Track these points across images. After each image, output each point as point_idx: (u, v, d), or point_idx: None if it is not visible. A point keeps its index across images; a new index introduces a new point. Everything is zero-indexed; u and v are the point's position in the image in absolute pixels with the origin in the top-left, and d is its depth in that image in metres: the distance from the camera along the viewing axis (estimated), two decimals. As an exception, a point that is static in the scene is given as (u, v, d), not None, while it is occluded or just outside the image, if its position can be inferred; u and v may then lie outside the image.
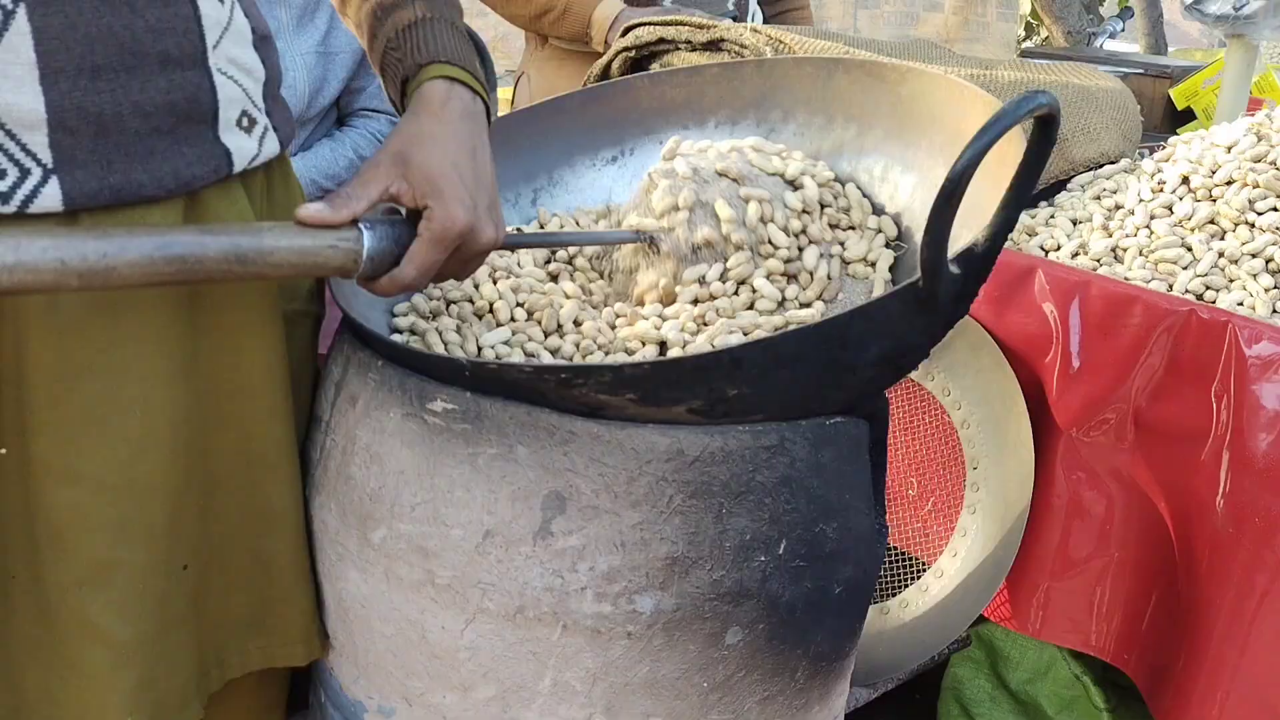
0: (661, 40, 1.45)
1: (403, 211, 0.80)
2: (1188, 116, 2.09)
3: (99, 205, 0.73)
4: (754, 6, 2.18)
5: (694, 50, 1.42)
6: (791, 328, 0.74)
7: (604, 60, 1.49)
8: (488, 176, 0.81)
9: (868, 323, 0.75)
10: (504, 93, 3.16)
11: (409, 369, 0.81)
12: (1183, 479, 1.09)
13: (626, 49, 1.48)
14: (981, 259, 0.77)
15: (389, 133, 2.06)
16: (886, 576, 1.28)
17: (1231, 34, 1.72)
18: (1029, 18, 5.09)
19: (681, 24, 1.44)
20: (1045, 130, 0.71)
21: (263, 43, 0.85)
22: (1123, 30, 3.55)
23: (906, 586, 1.25)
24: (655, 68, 1.49)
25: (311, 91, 1.88)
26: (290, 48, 1.85)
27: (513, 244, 0.92)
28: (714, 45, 1.40)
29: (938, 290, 0.74)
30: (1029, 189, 0.75)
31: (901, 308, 0.75)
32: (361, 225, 0.76)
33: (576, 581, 0.77)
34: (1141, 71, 2.06)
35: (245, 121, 0.82)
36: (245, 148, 0.82)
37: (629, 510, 0.76)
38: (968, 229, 0.80)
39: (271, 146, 0.86)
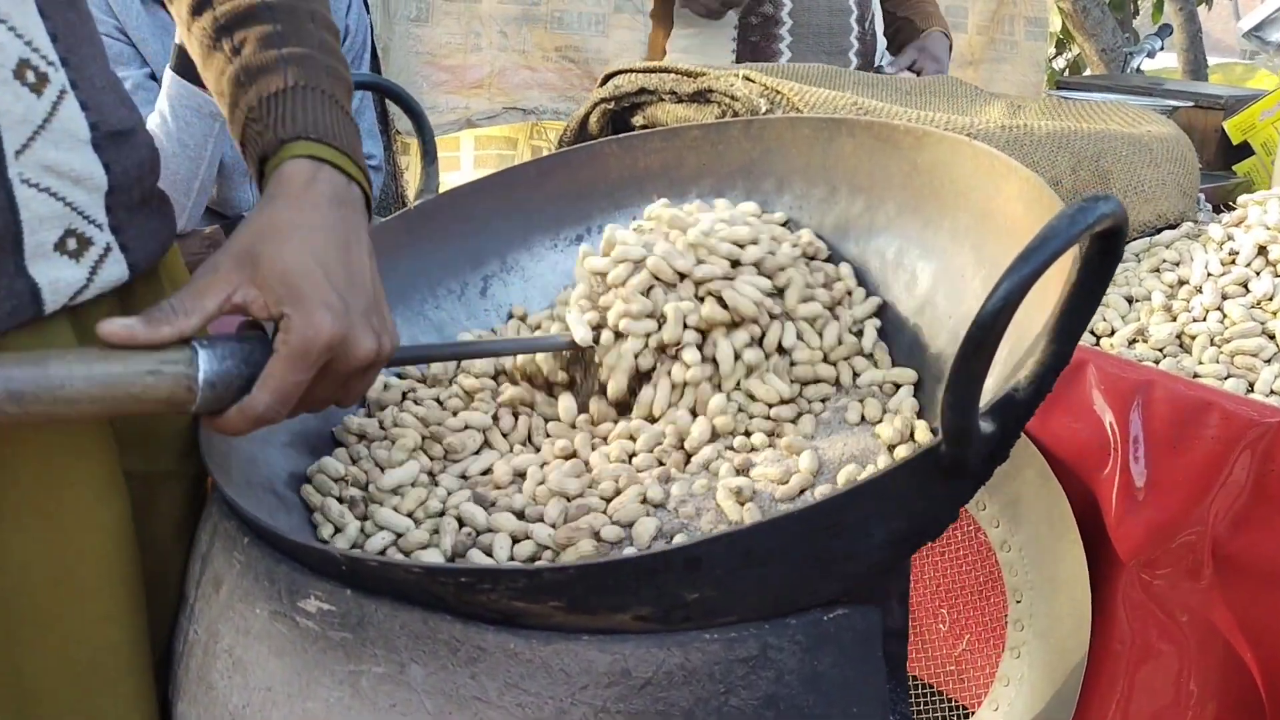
0: (643, 90, 1.26)
1: (266, 329, 0.64)
2: (1244, 151, 1.88)
3: None
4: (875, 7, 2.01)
5: (680, 102, 1.24)
6: (764, 519, 0.55)
7: (579, 114, 1.32)
8: (365, 275, 0.65)
9: (871, 503, 0.56)
10: (506, 131, 3.00)
11: (280, 552, 0.63)
12: (1273, 624, 0.89)
13: (605, 100, 1.30)
14: (1024, 407, 0.58)
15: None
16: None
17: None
18: (1059, 35, 4.88)
19: (666, 71, 1.26)
20: (1108, 245, 0.52)
21: (114, 140, 0.67)
22: (1161, 48, 3.33)
23: (939, 735, 1.05)
24: (638, 121, 1.31)
25: None
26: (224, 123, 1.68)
27: (408, 358, 0.75)
28: (702, 96, 1.21)
29: (965, 456, 0.55)
30: (1086, 318, 0.56)
31: (916, 480, 0.56)
32: (196, 345, 0.60)
33: None
34: (1191, 104, 1.86)
35: (73, 243, 0.64)
36: (66, 279, 0.64)
37: (560, 752, 0.57)
38: (1002, 363, 0.61)
39: (114, 272, 0.67)
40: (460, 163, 2.87)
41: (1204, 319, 1.00)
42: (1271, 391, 0.93)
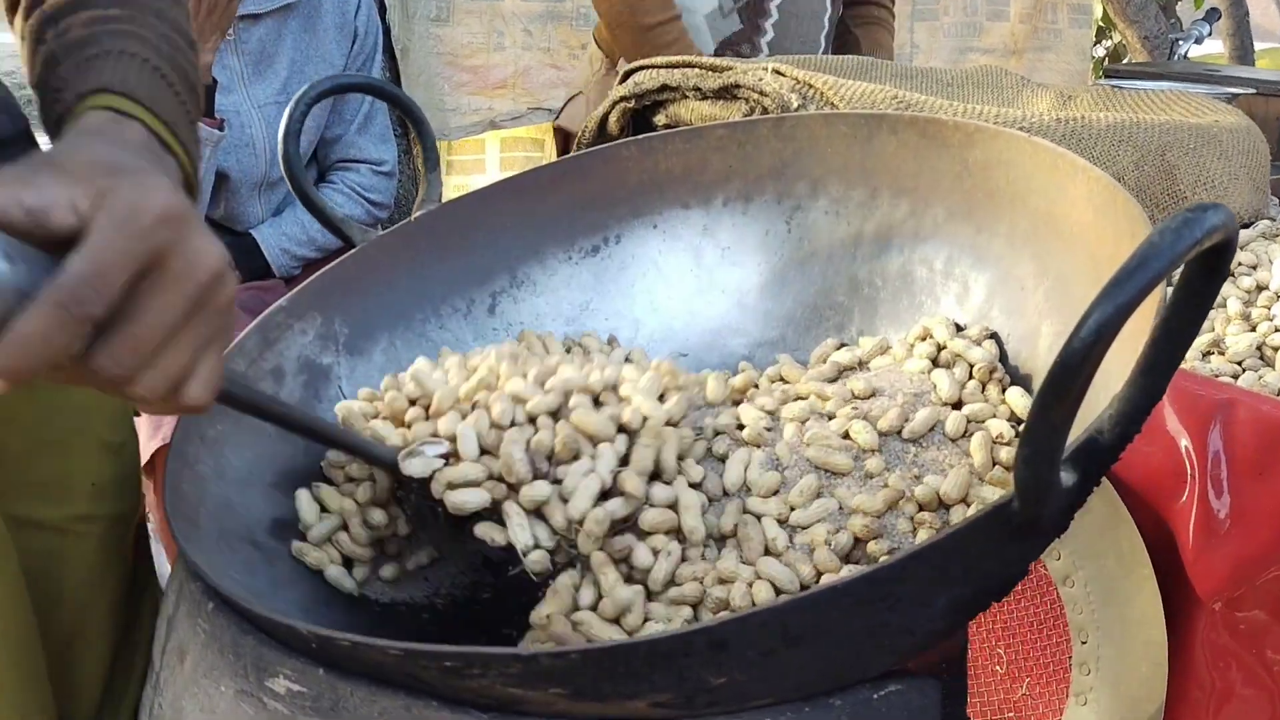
0: (665, 87, 1.18)
1: None
2: (1310, 140, 1.77)
3: None
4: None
5: (704, 99, 1.15)
6: (804, 593, 0.46)
7: (598, 114, 1.23)
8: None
9: (932, 569, 0.47)
10: (533, 132, 2.92)
11: (247, 623, 0.55)
12: (1377, 670, 0.79)
13: (625, 98, 1.21)
14: (1109, 452, 0.49)
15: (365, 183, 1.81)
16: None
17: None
18: (1100, 22, 4.74)
19: (690, 66, 1.18)
20: (1215, 265, 0.43)
21: None
22: (1210, 34, 3.20)
23: (995, 786, 0.96)
24: (660, 120, 1.22)
25: (274, 149, 1.65)
26: (246, 99, 1.62)
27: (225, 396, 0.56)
28: (728, 92, 1.13)
29: (1041, 513, 0.46)
30: (1184, 348, 0.47)
31: (984, 541, 0.48)
32: None
33: None
34: (1253, 90, 1.74)
35: None
36: None
37: None
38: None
39: None
40: (485, 165, 2.80)
41: (1289, 328, 0.90)
42: (1370, 410, 0.83)
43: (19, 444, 0.67)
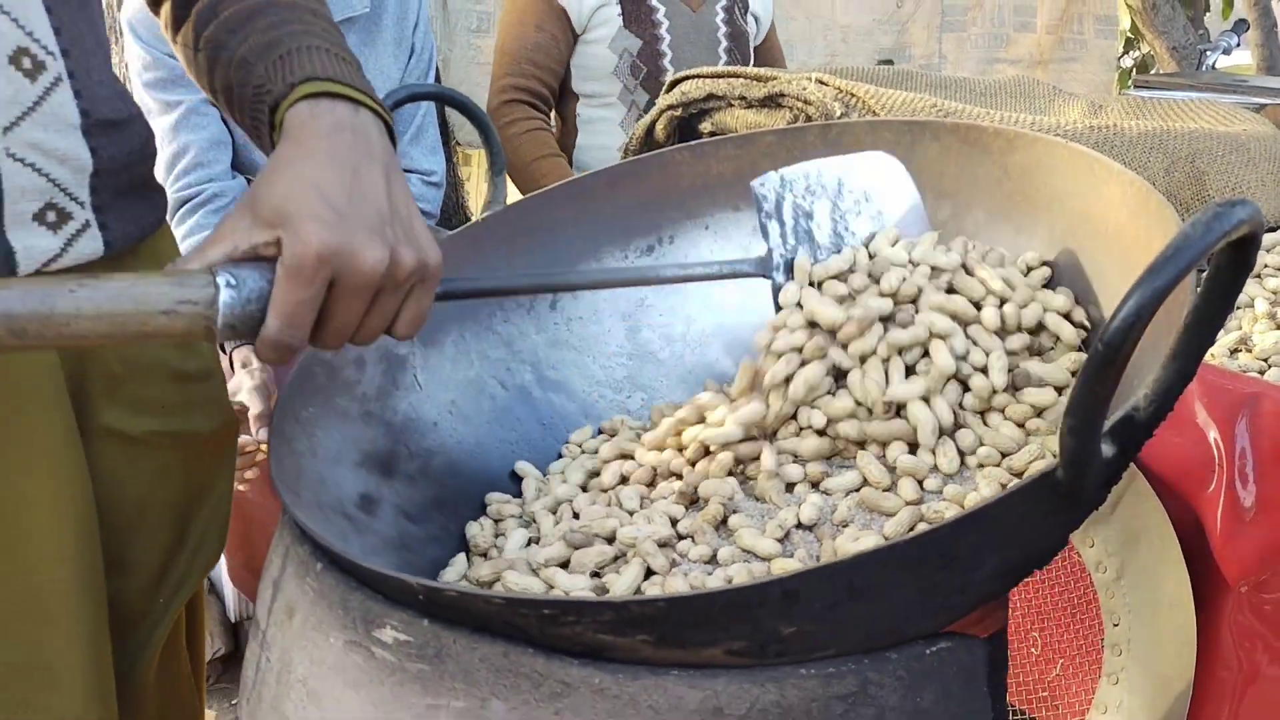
0: (711, 96, 1.23)
1: None
2: (1336, 148, 1.80)
3: None
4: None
5: (749, 107, 1.20)
6: (866, 549, 0.52)
7: (646, 121, 1.29)
8: (377, 190, 0.62)
9: (982, 533, 0.52)
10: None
11: (355, 579, 0.61)
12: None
13: (672, 107, 1.27)
14: (1144, 428, 0.54)
15: (415, 192, 1.89)
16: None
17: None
18: (1127, 33, 4.76)
19: (735, 76, 1.23)
20: (1242, 257, 0.48)
21: (104, 128, 0.73)
22: (1238, 44, 3.23)
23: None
24: (706, 127, 1.28)
25: None
26: None
27: (457, 292, 0.71)
28: (773, 101, 1.18)
29: (1084, 482, 0.51)
30: (1213, 332, 0.52)
31: (1030, 507, 0.52)
32: (218, 280, 0.58)
33: None
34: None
35: (52, 216, 0.70)
36: (40, 246, 0.70)
37: (648, 793, 0.54)
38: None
39: (89, 247, 0.73)
40: (520, 172, 2.86)
41: (1313, 326, 0.94)
42: (1390, 404, 0.87)
43: (118, 368, 0.78)
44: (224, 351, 1.55)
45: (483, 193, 3.00)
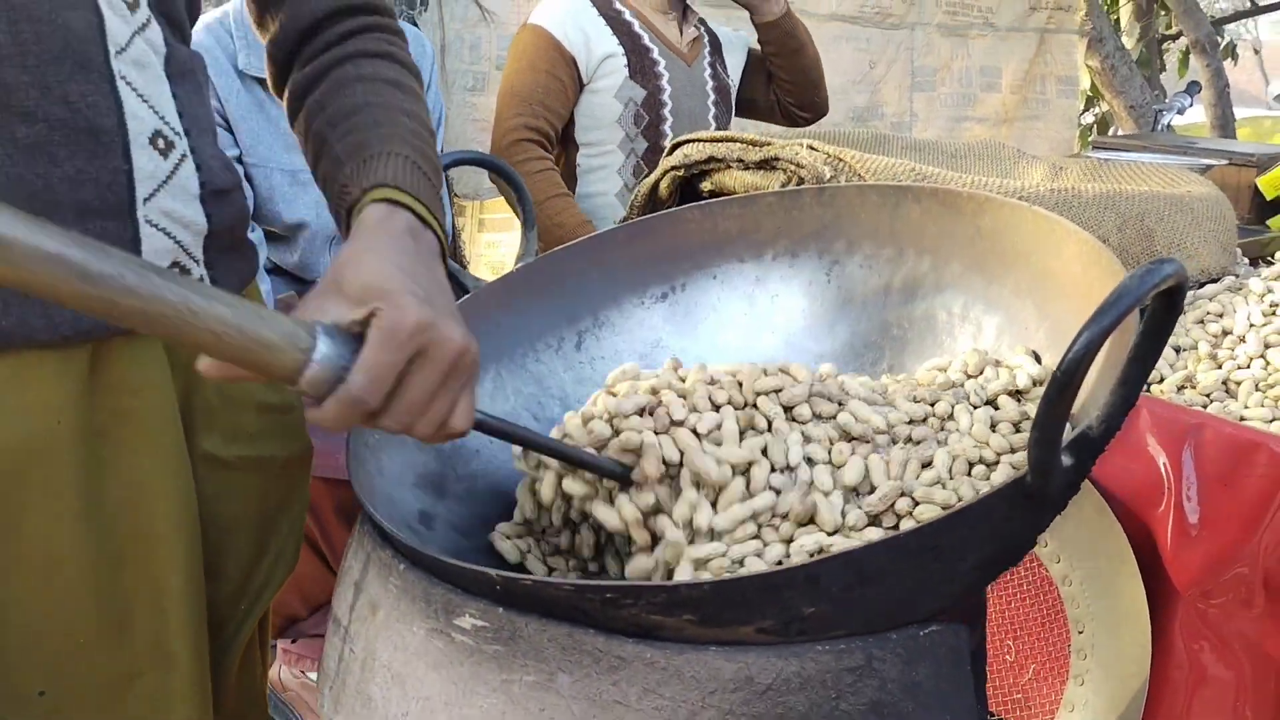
0: (711, 159, 1.36)
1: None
2: (1278, 205, 1.96)
3: None
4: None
5: (746, 169, 1.33)
6: (876, 539, 0.63)
7: (650, 180, 1.41)
8: (445, 290, 0.71)
9: (966, 529, 0.63)
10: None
11: (435, 576, 0.71)
12: (1325, 650, 0.95)
13: (675, 168, 1.39)
14: (1097, 444, 0.66)
15: None
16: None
17: (1327, 124, 1.59)
18: (1088, 93, 4.98)
19: (733, 140, 1.36)
20: (1170, 301, 0.60)
21: (216, 196, 0.84)
22: (1191, 105, 3.42)
23: (1005, 762, 1.11)
24: (705, 187, 1.40)
25: (332, 231, 1.83)
26: (310, 191, 1.80)
27: (495, 429, 0.76)
28: (768, 164, 1.31)
29: (1049, 486, 0.63)
30: (1150, 366, 0.64)
31: (1005, 507, 0.64)
32: (319, 329, 0.64)
33: (632, 835, 0.65)
34: (1225, 161, 1.94)
35: (176, 272, 0.79)
36: None
37: (691, 750, 0.65)
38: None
39: None
40: (514, 224, 2.99)
41: (1248, 366, 1.07)
42: (1315, 433, 1.00)
43: (215, 401, 0.88)
44: None
45: (476, 241, 3.12)
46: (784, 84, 2.28)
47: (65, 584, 0.77)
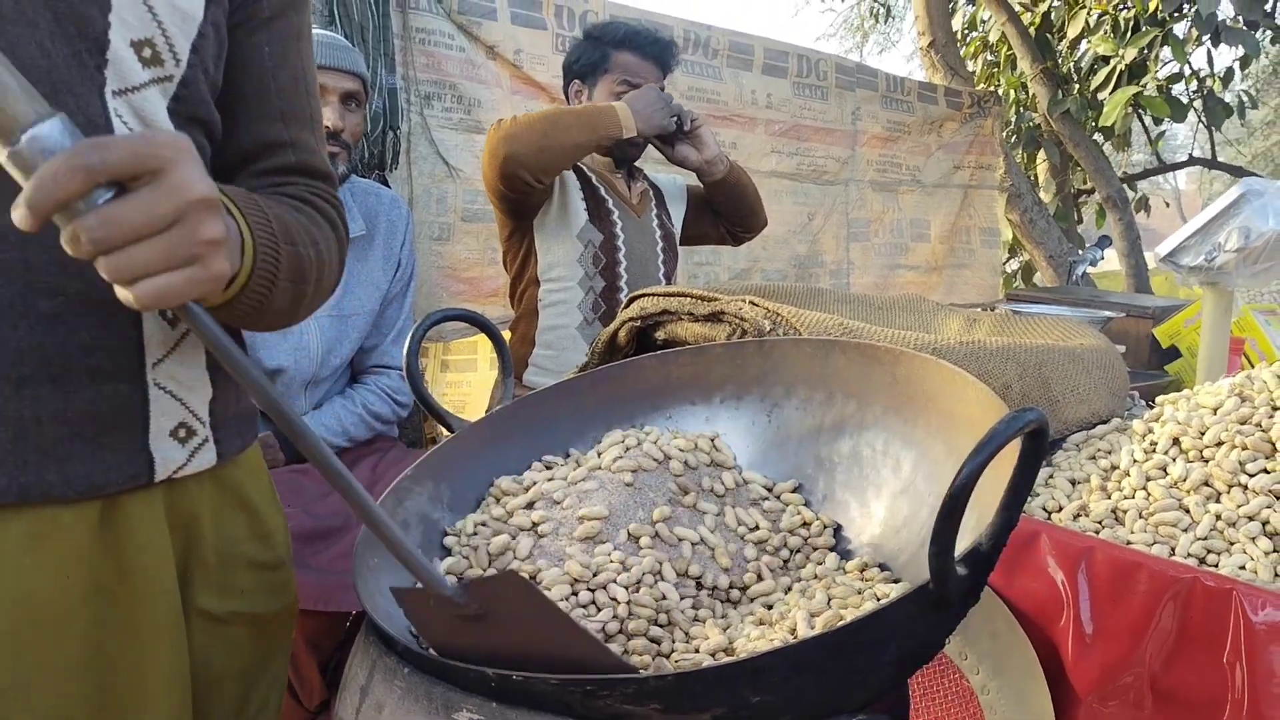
0: (665, 311, 1.52)
1: None
2: (1175, 352, 2.17)
3: (7, 502, 0.76)
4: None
5: (696, 321, 1.49)
6: (809, 636, 0.76)
7: (610, 329, 1.57)
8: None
9: (884, 626, 0.77)
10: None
11: (435, 677, 0.83)
12: (1206, 746, 1.07)
13: (632, 319, 1.55)
14: (987, 557, 0.80)
15: (394, 386, 2.12)
16: None
17: (1205, 283, 1.81)
18: (1010, 243, 5.33)
19: (684, 295, 1.53)
20: (1035, 442, 0.76)
21: (220, 366, 0.90)
22: (1102, 258, 3.72)
23: None
24: (660, 335, 1.57)
25: (324, 352, 1.97)
26: (289, 338, 1.94)
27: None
28: (715, 317, 1.47)
29: (948, 592, 0.77)
30: (1025, 493, 0.79)
31: (914, 610, 0.78)
32: (61, 117, 0.58)
33: None
34: (1124, 314, 2.15)
35: (182, 432, 0.86)
36: (173, 457, 0.85)
37: (656, 823, 0.76)
38: (971, 529, 0.83)
39: (207, 458, 0.89)
40: (478, 364, 3.14)
41: (1133, 497, 1.23)
42: (1189, 554, 1.15)
43: (212, 559, 0.95)
44: None
45: (439, 381, 3.24)
46: (729, 217, 2.53)
47: None
